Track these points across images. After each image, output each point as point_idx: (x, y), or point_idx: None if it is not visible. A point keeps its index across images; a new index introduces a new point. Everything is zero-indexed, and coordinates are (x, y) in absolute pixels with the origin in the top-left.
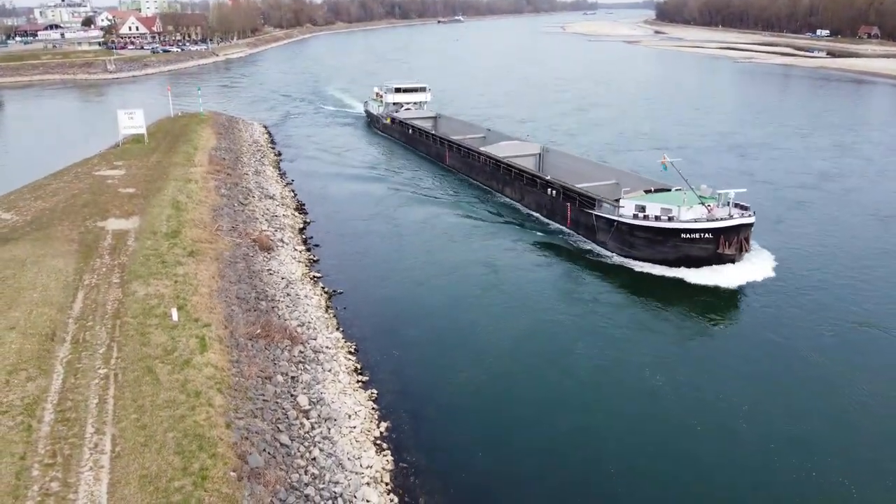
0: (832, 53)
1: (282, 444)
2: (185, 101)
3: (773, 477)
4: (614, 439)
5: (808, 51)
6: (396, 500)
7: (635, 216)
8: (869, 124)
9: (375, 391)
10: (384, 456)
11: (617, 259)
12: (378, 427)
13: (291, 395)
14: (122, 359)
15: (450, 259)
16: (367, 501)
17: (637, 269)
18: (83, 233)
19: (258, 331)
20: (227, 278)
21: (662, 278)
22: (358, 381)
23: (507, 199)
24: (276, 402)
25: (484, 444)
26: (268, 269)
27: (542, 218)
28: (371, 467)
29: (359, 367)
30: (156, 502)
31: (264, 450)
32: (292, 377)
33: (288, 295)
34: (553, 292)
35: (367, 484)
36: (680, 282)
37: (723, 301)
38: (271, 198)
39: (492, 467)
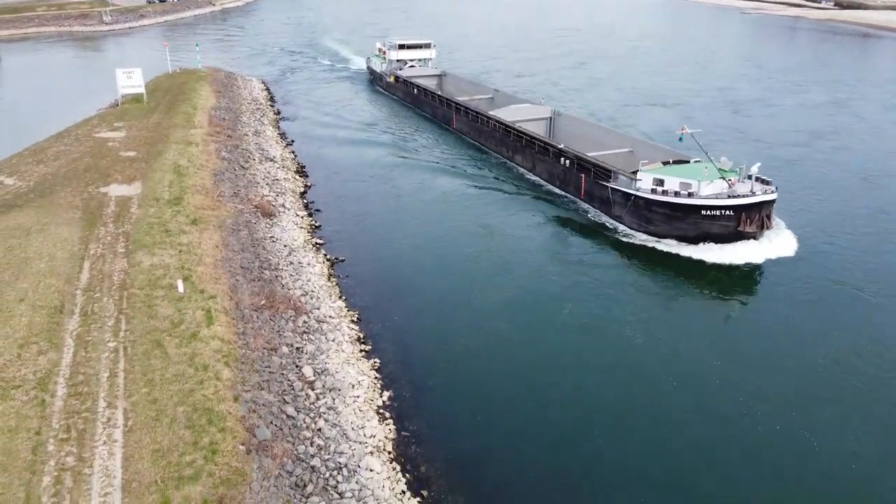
0: (840, 4)
1: (288, 416)
2: (183, 57)
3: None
4: (609, 403)
5: (816, 1)
6: (398, 468)
7: (653, 190)
8: (866, 80)
9: (378, 360)
10: (386, 425)
11: (632, 234)
12: (381, 396)
13: (296, 366)
14: (130, 332)
15: (452, 227)
16: (371, 470)
17: (650, 244)
18: (86, 199)
19: (263, 301)
20: (230, 247)
21: (679, 255)
22: (361, 351)
23: (518, 167)
24: (282, 374)
25: (482, 409)
26: (270, 237)
27: (554, 188)
28: (374, 436)
29: (361, 336)
30: (168, 476)
31: (271, 422)
32: (297, 348)
33: (291, 263)
34: (560, 265)
35: (371, 453)
36: (695, 259)
37: (741, 279)
38: (272, 160)
39: (490, 432)
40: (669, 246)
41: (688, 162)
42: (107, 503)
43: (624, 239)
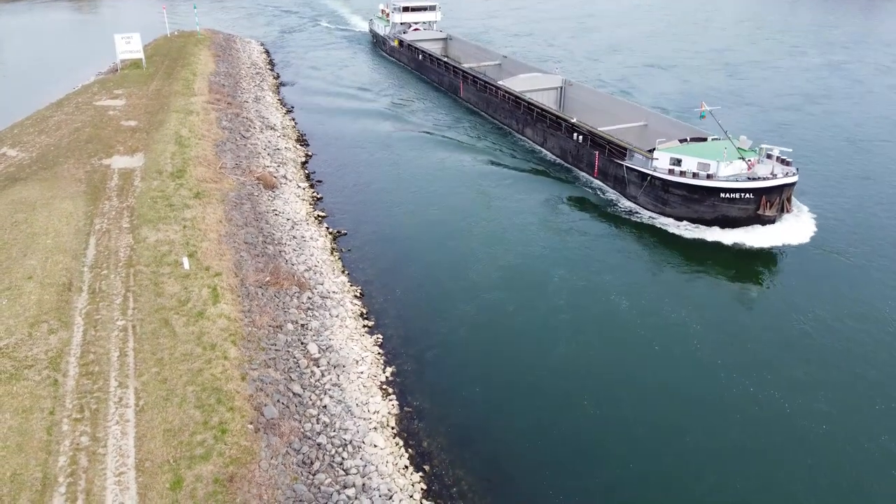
0: None
1: (294, 394)
2: (181, 20)
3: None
4: (612, 379)
5: None
6: (402, 443)
7: (671, 171)
8: (865, 43)
9: (381, 336)
10: (390, 401)
11: (647, 214)
12: (384, 372)
13: (302, 343)
14: (138, 310)
15: (455, 201)
16: (375, 446)
17: (666, 226)
18: (89, 172)
19: (267, 278)
20: (233, 222)
21: (695, 238)
22: (364, 326)
23: (528, 141)
24: (288, 351)
25: (482, 382)
26: (273, 210)
27: (565, 164)
28: (378, 412)
29: (364, 311)
30: (180, 456)
31: (278, 401)
32: (302, 325)
33: (294, 238)
34: (567, 242)
35: (374, 429)
36: (711, 241)
37: (759, 263)
38: (272, 128)
39: (490, 404)
40: (686, 229)
41: (705, 140)
42: (121, 482)
43: (638, 219)
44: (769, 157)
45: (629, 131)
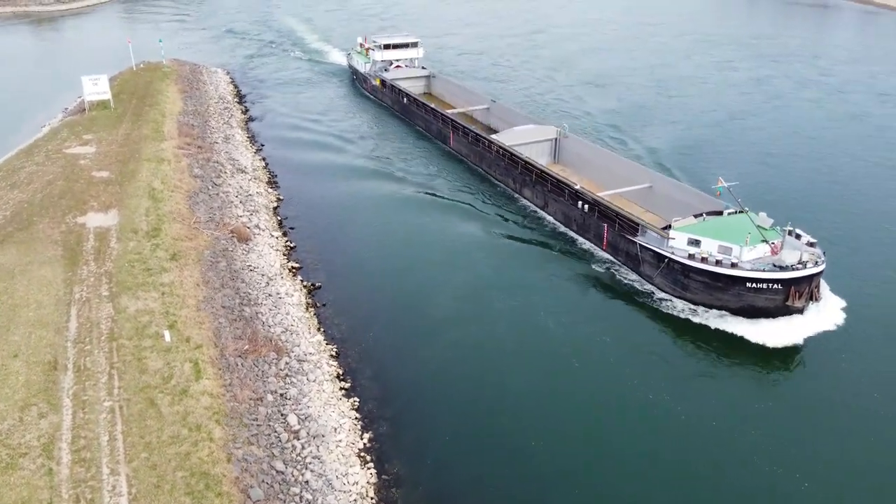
0: None
1: (277, 471)
2: (145, 42)
3: None
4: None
5: None
6: None
7: (691, 256)
8: (795, 56)
9: (357, 399)
10: (368, 469)
11: (664, 297)
12: (362, 439)
13: (281, 415)
14: (124, 388)
15: (438, 258)
16: None
17: (685, 313)
18: (65, 232)
19: (246, 346)
20: (210, 284)
21: (718, 329)
22: (341, 389)
23: (527, 203)
24: (269, 425)
25: (459, 445)
26: (248, 266)
27: (570, 232)
28: (357, 483)
29: (341, 372)
30: None
31: (263, 480)
32: (281, 394)
33: (269, 296)
34: (568, 319)
35: (354, 501)
36: (734, 332)
37: (781, 356)
38: (243, 171)
39: (467, 469)
40: (708, 318)
41: (721, 214)
42: None
43: (653, 303)
44: (791, 232)
45: (634, 194)
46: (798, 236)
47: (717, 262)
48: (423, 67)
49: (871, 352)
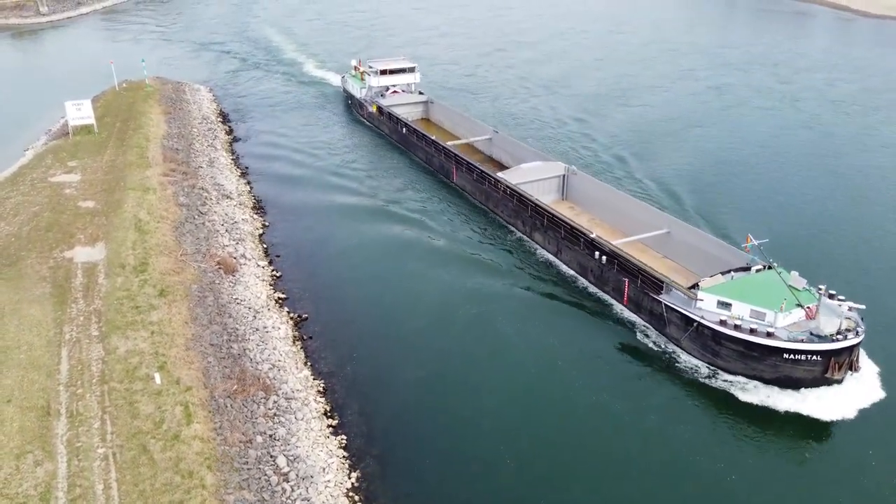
0: None
1: None
2: (126, 56)
3: None
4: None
5: None
6: None
7: (722, 322)
8: (758, 64)
9: (345, 437)
10: None
11: (692, 363)
12: (349, 478)
13: (271, 457)
14: (116, 434)
15: (433, 294)
16: None
17: (709, 380)
18: (53, 268)
19: (234, 386)
20: (198, 321)
21: (753, 403)
22: (329, 426)
23: (537, 248)
24: (259, 468)
25: (448, 483)
26: (235, 299)
27: (586, 282)
28: None
29: (328, 409)
30: None
31: None
32: (270, 435)
33: (256, 329)
34: (554, 349)
35: None
36: (769, 406)
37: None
38: (229, 197)
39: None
40: (741, 388)
41: (748, 269)
42: None
43: (684, 372)
44: (829, 294)
45: (651, 241)
46: (831, 296)
47: (752, 331)
48: (420, 93)
49: None
